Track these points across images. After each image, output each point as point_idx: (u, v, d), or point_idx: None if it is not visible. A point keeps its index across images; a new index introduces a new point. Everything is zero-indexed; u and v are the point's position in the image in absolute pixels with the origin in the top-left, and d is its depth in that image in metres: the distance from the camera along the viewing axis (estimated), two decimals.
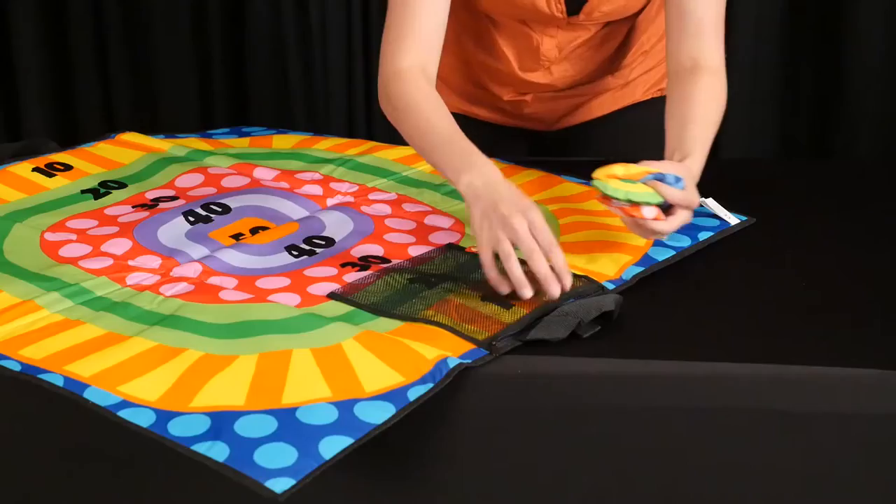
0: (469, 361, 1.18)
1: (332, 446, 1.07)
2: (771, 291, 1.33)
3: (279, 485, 1.02)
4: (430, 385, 1.15)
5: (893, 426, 1.17)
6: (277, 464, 1.05)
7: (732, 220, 1.50)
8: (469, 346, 1.21)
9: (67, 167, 1.65)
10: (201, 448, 1.06)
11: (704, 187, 1.44)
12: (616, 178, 1.34)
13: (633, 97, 1.79)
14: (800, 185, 1.66)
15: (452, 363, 1.17)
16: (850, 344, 1.21)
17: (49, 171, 1.63)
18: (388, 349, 1.19)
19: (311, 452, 1.06)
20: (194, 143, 1.75)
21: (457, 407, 1.19)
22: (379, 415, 1.11)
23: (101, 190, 1.59)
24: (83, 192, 1.58)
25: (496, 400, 1.19)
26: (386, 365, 1.16)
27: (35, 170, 1.63)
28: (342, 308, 1.28)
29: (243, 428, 1.08)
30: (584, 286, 1.31)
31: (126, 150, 1.72)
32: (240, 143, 1.77)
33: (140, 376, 1.15)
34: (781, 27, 2.55)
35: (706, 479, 1.20)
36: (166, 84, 2.79)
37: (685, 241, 1.43)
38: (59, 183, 1.60)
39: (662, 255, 1.39)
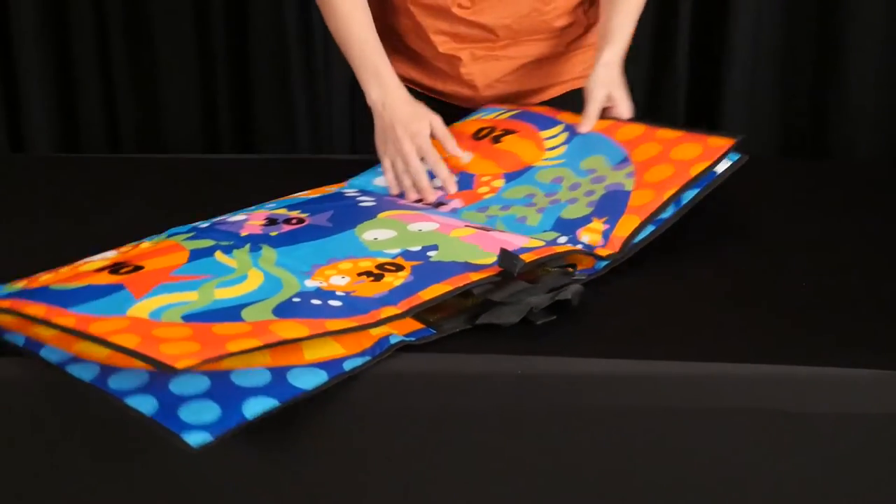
0: (413, 339, 1.22)
1: (256, 407, 1.12)
2: (770, 291, 1.33)
3: (195, 438, 1.08)
4: (368, 358, 1.19)
5: (893, 426, 1.17)
6: (199, 420, 1.10)
7: (721, 166, 1.50)
8: (417, 326, 1.24)
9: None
10: (131, 401, 1.11)
11: None
12: None
13: (571, 72, 1.80)
14: (799, 184, 1.67)
15: (394, 340, 1.22)
16: (850, 344, 1.21)
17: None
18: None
19: (234, 411, 1.11)
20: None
21: (457, 407, 1.19)
22: (310, 381, 1.16)
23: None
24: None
25: (495, 400, 1.19)
26: (329, 338, 1.20)
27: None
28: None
29: (177, 385, 1.13)
30: (555, 275, 1.32)
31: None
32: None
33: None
34: (780, 26, 2.55)
35: (706, 479, 1.20)
36: (168, 83, 2.79)
37: (667, 212, 1.44)
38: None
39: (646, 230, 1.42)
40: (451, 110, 1.79)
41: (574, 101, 1.66)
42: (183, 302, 1.23)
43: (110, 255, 1.37)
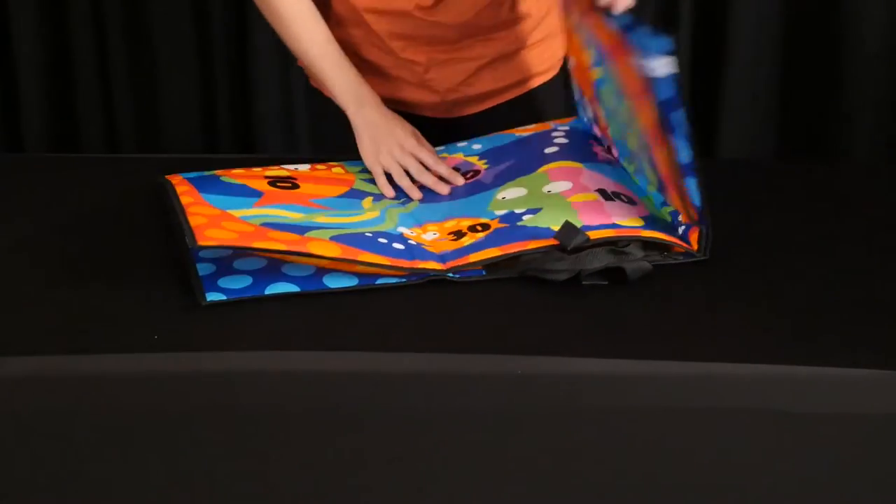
0: (457, 277, 1.31)
1: (277, 288, 1.27)
2: (770, 291, 1.33)
3: (213, 296, 1.26)
4: (403, 280, 1.30)
5: (893, 426, 1.17)
6: (229, 286, 1.27)
7: (658, 67, 1.25)
8: (473, 267, 1.32)
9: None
10: (199, 265, 1.30)
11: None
12: None
13: (531, 69, 1.78)
14: (798, 185, 1.66)
15: (434, 273, 1.31)
16: (850, 344, 1.21)
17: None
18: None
19: (259, 287, 1.27)
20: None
21: (457, 407, 1.19)
22: (339, 283, 1.29)
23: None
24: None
25: (495, 400, 1.19)
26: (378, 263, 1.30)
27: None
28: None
29: (239, 263, 1.30)
30: (601, 254, 1.32)
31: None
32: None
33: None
34: (780, 26, 2.55)
35: (706, 479, 1.20)
36: (168, 83, 2.79)
37: (684, 152, 1.35)
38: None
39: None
40: (412, 122, 1.78)
41: (538, 99, 1.66)
42: (282, 216, 1.38)
43: (302, 168, 1.57)
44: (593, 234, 1.33)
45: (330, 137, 1.87)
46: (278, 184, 1.51)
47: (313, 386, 1.19)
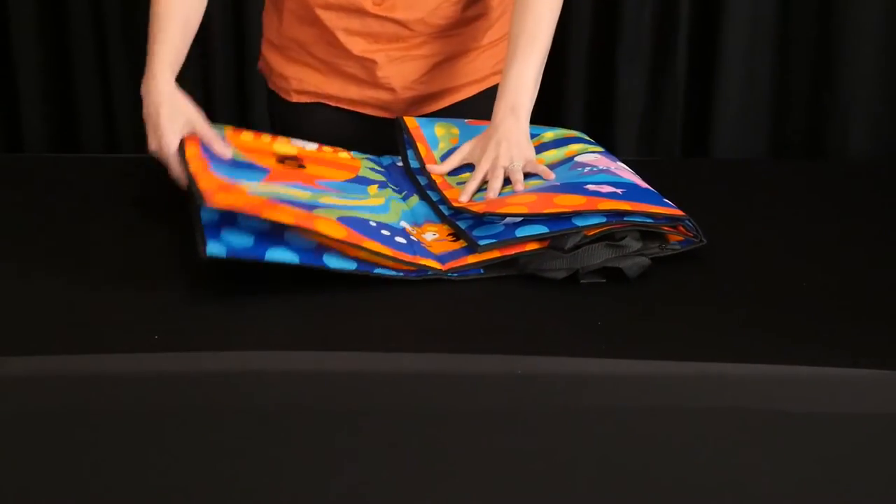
0: (454, 276, 1.32)
1: (278, 254, 1.27)
2: (770, 291, 1.33)
3: (213, 249, 1.25)
4: (401, 274, 1.31)
5: (893, 426, 1.17)
6: (231, 242, 1.27)
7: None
8: (471, 266, 1.34)
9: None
10: (204, 211, 1.29)
11: (699, 188, 1.44)
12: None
13: (486, 69, 1.79)
14: (794, 185, 1.67)
15: (432, 272, 1.32)
16: (849, 344, 1.21)
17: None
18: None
19: (260, 250, 1.27)
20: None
21: (456, 407, 1.19)
22: (339, 264, 1.29)
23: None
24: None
25: (495, 400, 1.19)
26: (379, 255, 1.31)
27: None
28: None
29: (243, 218, 1.29)
30: (597, 249, 1.33)
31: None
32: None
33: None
34: (775, 26, 2.55)
35: (706, 479, 1.20)
36: None
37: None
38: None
39: None
40: (368, 124, 1.78)
41: (493, 99, 1.65)
42: (289, 194, 1.37)
43: (310, 147, 1.58)
44: (588, 231, 1.33)
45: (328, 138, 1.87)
46: (286, 161, 1.51)
47: (313, 386, 1.19)
